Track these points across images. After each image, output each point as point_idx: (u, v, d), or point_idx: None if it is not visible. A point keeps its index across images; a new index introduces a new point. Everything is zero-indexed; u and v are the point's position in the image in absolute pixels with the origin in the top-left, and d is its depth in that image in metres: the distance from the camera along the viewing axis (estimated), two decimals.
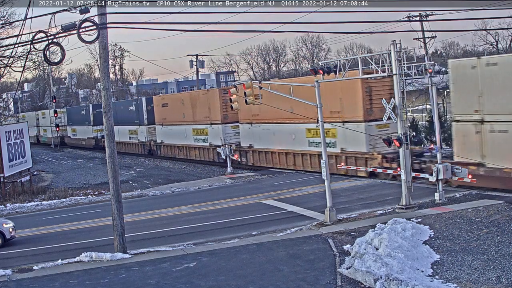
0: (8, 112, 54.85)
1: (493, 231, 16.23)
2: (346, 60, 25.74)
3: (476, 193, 22.02)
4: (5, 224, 20.94)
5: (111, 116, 17.87)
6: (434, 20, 48.19)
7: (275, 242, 17.58)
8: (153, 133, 52.19)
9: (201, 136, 43.50)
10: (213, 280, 14.26)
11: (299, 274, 14.16)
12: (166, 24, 35.38)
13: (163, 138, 49.87)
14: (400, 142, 20.33)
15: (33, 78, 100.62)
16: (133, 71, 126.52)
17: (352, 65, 22.54)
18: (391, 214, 20.02)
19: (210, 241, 18.89)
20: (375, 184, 26.98)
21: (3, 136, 33.82)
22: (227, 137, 39.93)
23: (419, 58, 46.17)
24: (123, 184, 32.60)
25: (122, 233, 17.62)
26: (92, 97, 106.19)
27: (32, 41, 15.45)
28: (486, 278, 12.69)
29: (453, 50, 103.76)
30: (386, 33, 55.31)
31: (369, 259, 13.79)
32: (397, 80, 20.49)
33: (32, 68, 43.93)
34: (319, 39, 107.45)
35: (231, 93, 25.91)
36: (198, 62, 59.21)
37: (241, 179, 33.57)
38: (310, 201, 24.13)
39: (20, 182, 35.99)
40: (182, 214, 24.53)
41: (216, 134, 40.95)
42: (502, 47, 78.53)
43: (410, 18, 49.60)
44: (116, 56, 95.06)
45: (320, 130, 20.58)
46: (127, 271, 15.67)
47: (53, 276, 15.69)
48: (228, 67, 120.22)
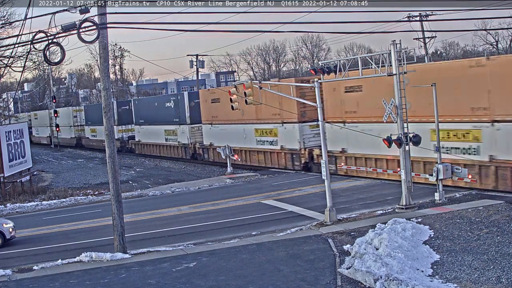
0: (8, 112, 54.72)
1: (493, 231, 16.23)
2: (346, 60, 25.75)
3: (476, 193, 22.02)
4: (5, 224, 20.94)
5: (111, 116, 17.88)
6: (434, 20, 48.35)
7: (275, 242, 17.58)
8: (197, 134, 45.26)
9: (267, 137, 36.65)
10: (213, 280, 14.26)
11: (299, 274, 14.15)
12: (166, 24, 35.53)
13: (212, 140, 42.68)
14: (400, 142, 20.33)
15: (33, 78, 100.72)
16: (133, 71, 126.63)
17: (352, 65, 22.55)
18: (391, 214, 20.02)
19: (210, 241, 18.89)
20: (375, 184, 26.97)
21: (3, 136, 33.82)
22: (305, 139, 33.57)
23: (419, 58, 46.27)
24: (123, 184, 32.61)
25: (122, 233, 17.62)
26: (92, 97, 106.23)
27: (32, 41, 15.45)
28: (486, 278, 12.69)
29: (453, 50, 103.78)
30: (386, 33, 55.29)
31: (369, 259, 13.79)
32: (397, 80, 20.47)
33: (32, 68, 43.98)
34: (319, 39, 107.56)
35: (231, 93, 25.89)
36: (198, 62, 59.23)
37: (241, 179, 33.56)
38: (310, 201, 24.13)
39: (20, 182, 35.99)
40: (182, 214, 24.53)
41: (290, 135, 34.16)
42: (502, 47, 78.56)
43: (410, 18, 49.72)
44: (116, 56, 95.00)
45: (321, 128, 20.58)
46: (127, 271, 15.67)
47: (53, 276, 15.69)
48: (228, 67, 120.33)
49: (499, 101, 21.72)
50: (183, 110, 46.25)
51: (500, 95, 21.62)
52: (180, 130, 47.05)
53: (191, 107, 45.38)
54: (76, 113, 70.94)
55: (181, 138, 47.28)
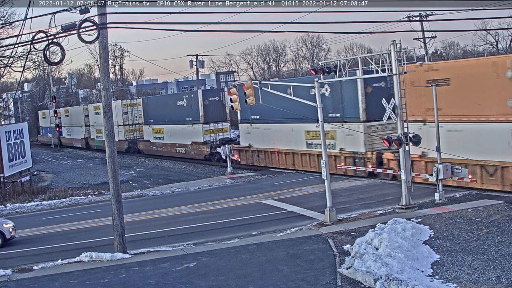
0: (8, 112, 54.65)
1: (493, 231, 16.23)
2: (346, 60, 25.73)
3: (476, 193, 22.02)
4: (5, 224, 20.94)
5: (111, 116, 17.89)
6: (434, 20, 48.34)
7: (275, 242, 17.58)
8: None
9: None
10: (213, 280, 14.26)
11: (299, 274, 14.15)
12: (166, 24, 35.39)
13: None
14: (400, 142, 20.34)
15: (33, 78, 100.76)
16: (133, 71, 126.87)
17: (352, 65, 22.55)
18: (391, 214, 20.02)
19: (210, 241, 18.89)
20: (375, 184, 26.98)
21: (3, 136, 33.84)
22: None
23: (419, 58, 46.29)
24: (123, 184, 32.63)
25: (122, 233, 17.62)
26: (92, 97, 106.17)
27: (32, 41, 15.44)
28: (486, 278, 12.69)
29: (453, 50, 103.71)
30: (386, 33, 55.30)
31: (369, 259, 13.78)
32: (397, 80, 20.48)
33: (32, 68, 44.05)
34: (319, 39, 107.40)
35: (231, 93, 25.90)
36: (198, 62, 59.18)
37: (241, 179, 33.55)
38: (310, 201, 24.14)
39: (20, 182, 36.00)
40: (182, 214, 24.53)
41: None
42: (502, 47, 78.55)
43: (410, 18, 49.72)
44: (116, 56, 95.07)
45: (321, 128, 20.54)
46: (127, 271, 15.67)
47: (53, 276, 15.69)
48: (228, 67, 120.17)
49: None
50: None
51: None
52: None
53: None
54: (127, 108, 55.70)
55: None
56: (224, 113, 45.26)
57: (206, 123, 43.98)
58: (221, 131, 44.73)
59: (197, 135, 44.55)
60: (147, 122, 51.87)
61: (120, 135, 55.55)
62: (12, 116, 56.87)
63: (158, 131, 50.48)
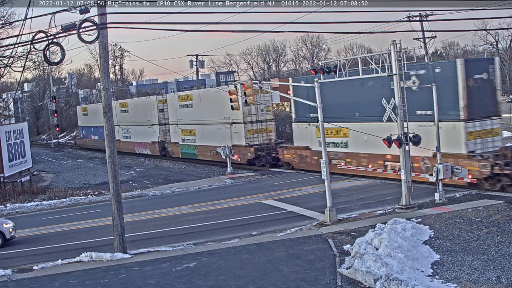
0: (8, 112, 54.65)
1: (493, 231, 16.24)
2: (346, 60, 25.72)
3: (476, 193, 22.03)
4: (5, 224, 20.94)
5: (111, 116, 17.88)
6: (434, 20, 48.36)
7: (275, 242, 17.57)
8: None
9: None
10: (213, 280, 14.26)
11: (299, 274, 14.15)
12: (166, 24, 35.46)
13: None
14: (400, 142, 20.34)
15: (33, 78, 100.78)
16: (133, 71, 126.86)
17: (352, 65, 22.54)
18: (391, 214, 20.03)
19: (210, 241, 18.89)
20: (375, 184, 26.97)
21: (3, 136, 33.83)
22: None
23: (419, 58, 46.30)
24: (123, 184, 32.62)
25: (122, 233, 17.62)
26: (92, 97, 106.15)
27: (32, 41, 15.44)
28: (486, 278, 12.69)
29: (453, 50, 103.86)
30: (386, 33, 55.33)
31: (369, 259, 13.78)
32: (397, 80, 20.47)
33: (32, 68, 44.05)
34: (319, 39, 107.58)
35: (231, 93, 25.88)
36: (198, 62, 59.16)
37: (241, 179, 33.54)
38: (310, 201, 24.14)
39: (20, 182, 35.99)
40: (182, 214, 24.53)
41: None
42: (502, 47, 78.59)
43: (410, 18, 49.72)
44: (116, 56, 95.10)
45: (321, 128, 20.56)
46: (127, 271, 15.67)
47: (53, 276, 15.68)
48: (228, 67, 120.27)
49: None
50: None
51: None
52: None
53: None
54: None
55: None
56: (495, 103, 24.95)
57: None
58: None
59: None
60: None
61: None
62: (12, 116, 56.79)
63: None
